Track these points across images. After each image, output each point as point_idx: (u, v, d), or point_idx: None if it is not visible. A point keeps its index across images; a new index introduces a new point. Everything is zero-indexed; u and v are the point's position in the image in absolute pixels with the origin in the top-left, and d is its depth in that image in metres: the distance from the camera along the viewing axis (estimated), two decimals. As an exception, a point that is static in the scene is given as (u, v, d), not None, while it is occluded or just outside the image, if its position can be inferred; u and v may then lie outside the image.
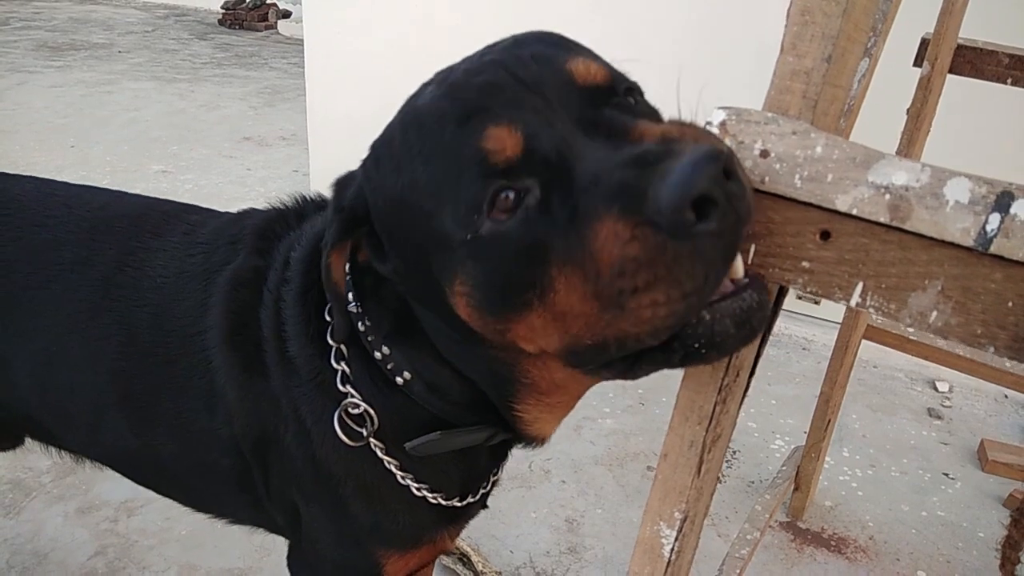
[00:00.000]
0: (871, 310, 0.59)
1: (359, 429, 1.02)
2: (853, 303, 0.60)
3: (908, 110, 1.56)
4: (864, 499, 2.31)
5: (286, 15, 9.32)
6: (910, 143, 1.57)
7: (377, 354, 0.99)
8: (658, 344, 0.65)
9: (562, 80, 0.75)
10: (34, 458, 2.20)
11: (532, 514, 2.18)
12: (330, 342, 1.02)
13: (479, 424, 1.01)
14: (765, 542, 2.12)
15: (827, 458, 2.37)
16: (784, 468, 2.13)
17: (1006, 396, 2.83)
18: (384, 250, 0.88)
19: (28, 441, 1.53)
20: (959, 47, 1.51)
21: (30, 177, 1.36)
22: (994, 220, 0.55)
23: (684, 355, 0.66)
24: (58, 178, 1.42)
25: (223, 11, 9.31)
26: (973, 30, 1.58)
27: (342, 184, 0.91)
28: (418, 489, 1.06)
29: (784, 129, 0.62)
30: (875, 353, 2.76)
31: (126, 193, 1.35)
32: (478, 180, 0.71)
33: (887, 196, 0.57)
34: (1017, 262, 0.54)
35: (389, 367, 0.99)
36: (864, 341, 2.00)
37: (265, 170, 4.72)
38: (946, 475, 2.43)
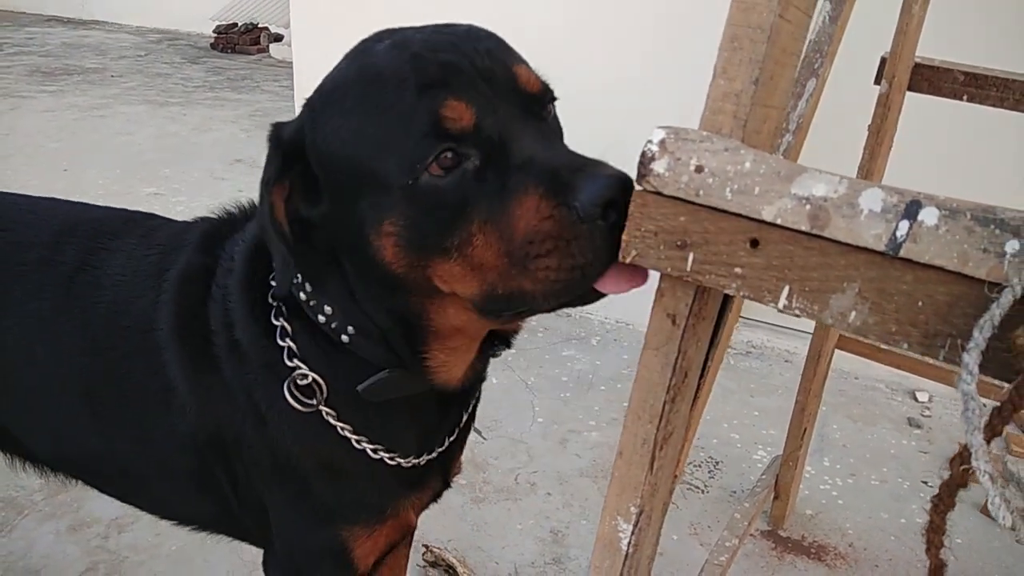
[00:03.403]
0: (797, 311, 0.64)
1: (309, 400, 1.07)
2: (781, 305, 0.65)
3: (869, 127, 1.63)
4: (844, 507, 2.36)
5: (278, 39, 9.42)
6: (872, 158, 1.63)
7: (321, 317, 1.03)
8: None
9: (509, 79, 0.88)
10: (25, 477, 2.22)
11: (518, 526, 2.22)
12: (274, 322, 1.07)
13: None
14: (747, 550, 2.15)
15: (808, 468, 2.41)
16: (764, 477, 2.18)
17: (984, 405, 2.87)
18: (316, 191, 0.95)
19: (19, 465, 1.53)
20: (917, 65, 1.58)
21: None
22: (903, 227, 0.60)
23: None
24: (50, 202, 1.46)
25: (215, 35, 9.41)
26: (934, 49, 1.65)
27: (279, 125, 0.98)
28: (374, 451, 1.11)
29: (717, 146, 0.67)
30: (856, 364, 2.82)
31: (89, 204, 1.40)
32: (430, 139, 0.83)
33: (808, 206, 0.62)
34: (925, 265, 0.59)
35: (333, 326, 1.03)
36: (847, 353, 2.05)
37: (256, 192, 4.76)
38: (925, 483, 2.48)
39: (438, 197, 0.84)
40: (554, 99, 0.94)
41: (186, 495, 1.28)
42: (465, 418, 1.25)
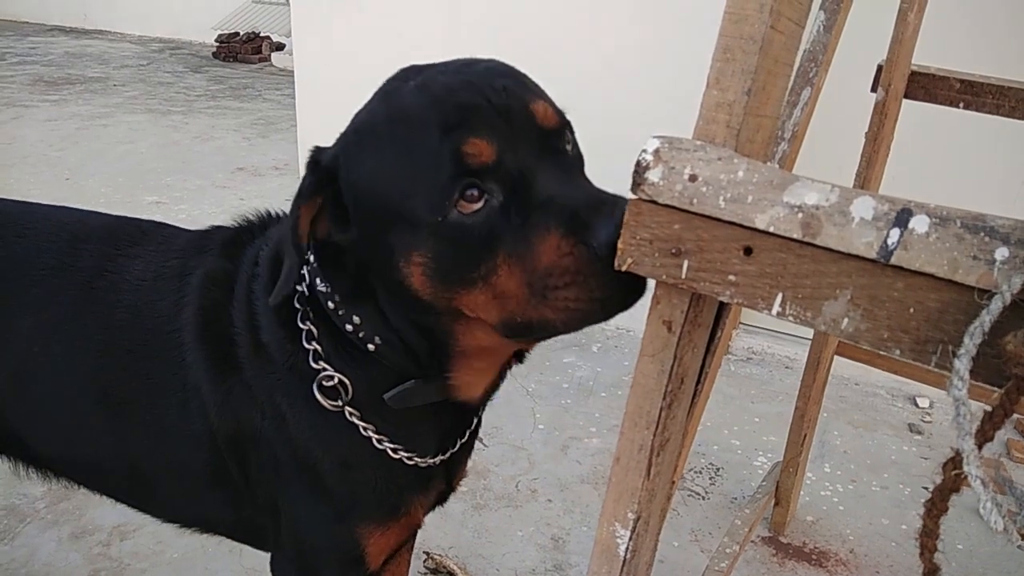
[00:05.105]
0: (790, 318, 0.65)
1: (335, 401, 1.10)
2: (774, 312, 0.65)
3: (866, 134, 1.63)
4: (845, 513, 2.36)
5: (279, 48, 9.46)
6: (869, 165, 1.64)
7: (348, 326, 1.08)
8: None
9: (526, 116, 0.92)
10: (28, 485, 2.24)
11: (519, 532, 2.22)
12: (300, 325, 1.10)
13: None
14: (747, 556, 2.16)
15: (809, 474, 2.41)
16: (764, 483, 2.18)
17: (985, 411, 2.88)
18: (345, 218, 1.00)
19: (22, 469, 1.54)
20: (913, 73, 1.59)
21: (2, 198, 1.41)
22: (894, 234, 0.60)
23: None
24: (53, 210, 1.47)
25: (217, 44, 9.45)
26: (930, 57, 1.66)
27: (318, 150, 1.03)
28: (394, 451, 1.14)
29: (710, 156, 0.68)
30: (856, 371, 2.82)
31: (102, 212, 1.42)
32: (454, 176, 0.88)
33: (800, 214, 0.63)
34: (916, 272, 0.60)
35: (360, 336, 1.07)
36: (847, 360, 2.05)
37: (258, 200, 4.78)
38: (926, 489, 2.47)
39: (465, 232, 0.89)
40: (572, 130, 0.98)
41: (198, 494, 1.30)
42: (475, 422, 1.29)
